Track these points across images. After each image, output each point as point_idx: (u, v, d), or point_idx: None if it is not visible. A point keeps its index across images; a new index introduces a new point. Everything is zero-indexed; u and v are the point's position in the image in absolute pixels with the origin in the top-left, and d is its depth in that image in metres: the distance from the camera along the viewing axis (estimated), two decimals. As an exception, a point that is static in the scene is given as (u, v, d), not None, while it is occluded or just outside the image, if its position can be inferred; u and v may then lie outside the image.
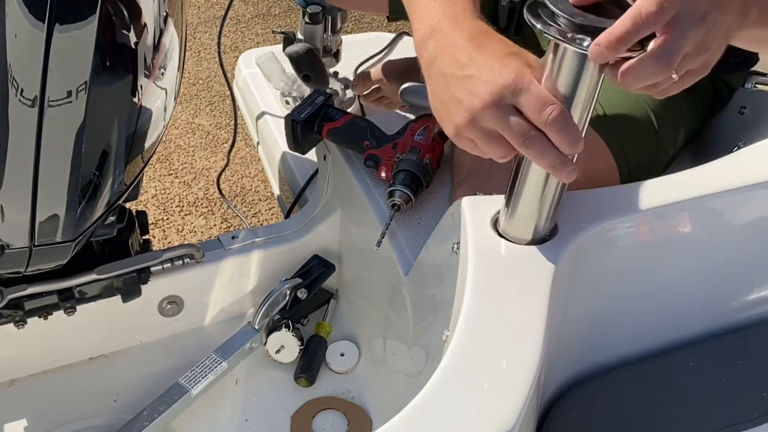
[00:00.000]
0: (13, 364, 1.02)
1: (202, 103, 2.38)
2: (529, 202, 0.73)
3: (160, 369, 1.05)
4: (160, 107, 0.85)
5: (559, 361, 0.80)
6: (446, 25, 0.68)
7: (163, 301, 1.05)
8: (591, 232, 0.76)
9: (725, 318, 0.94)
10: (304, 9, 1.27)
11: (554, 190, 0.72)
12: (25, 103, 0.66)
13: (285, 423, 1.01)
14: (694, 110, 1.10)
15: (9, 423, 0.98)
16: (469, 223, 0.79)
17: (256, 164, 2.12)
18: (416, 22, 0.71)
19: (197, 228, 1.93)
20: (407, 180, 0.96)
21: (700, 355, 0.89)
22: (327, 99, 1.06)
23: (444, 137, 1.07)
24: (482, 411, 0.62)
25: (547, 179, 0.70)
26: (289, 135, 1.06)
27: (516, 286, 0.73)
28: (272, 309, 1.03)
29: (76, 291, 0.95)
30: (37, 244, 0.78)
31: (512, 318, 0.70)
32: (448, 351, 0.67)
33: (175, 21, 0.85)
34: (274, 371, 1.06)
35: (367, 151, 1.02)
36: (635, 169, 1.01)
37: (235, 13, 2.79)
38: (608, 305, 0.86)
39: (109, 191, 0.80)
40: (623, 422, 0.83)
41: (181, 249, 1.03)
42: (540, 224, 0.74)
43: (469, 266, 0.75)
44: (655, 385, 0.86)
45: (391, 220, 0.95)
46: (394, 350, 1.01)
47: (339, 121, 1.05)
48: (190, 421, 0.98)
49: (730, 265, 0.91)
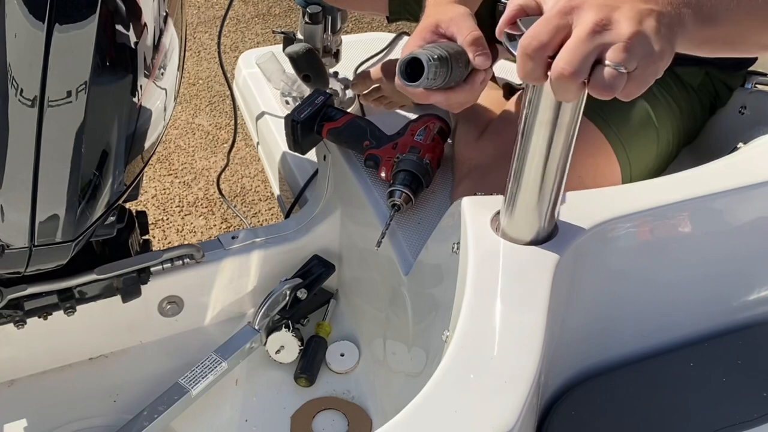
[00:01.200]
0: (13, 364, 1.02)
1: (202, 103, 2.38)
2: (529, 202, 0.73)
3: (160, 369, 1.05)
4: (160, 107, 0.85)
5: (559, 361, 0.80)
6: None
7: (163, 301, 1.05)
8: (591, 232, 0.76)
9: (725, 318, 0.94)
10: (304, 9, 1.27)
11: (553, 190, 0.72)
12: (25, 103, 0.66)
13: (285, 423, 1.01)
14: (693, 110, 1.10)
15: (9, 423, 0.98)
16: (469, 223, 0.79)
17: (256, 164, 2.12)
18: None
19: (197, 228, 1.93)
20: (407, 180, 0.96)
21: (700, 355, 0.89)
22: (327, 99, 1.06)
23: (444, 137, 1.07)
24: (482, 411, 0.62)
25: (543, 179, 0.70)
26: (289, 135, 1.06)
27: (516, 286, 0.73)
28: (272, 309, 1.03)
29: (76, 291, 0.95)
30: (37, 244, 0.78)
31: (512, 318, 0.70)
32: (448, 351, 0.67)
33: (175, 21, 0.85)
34: (274, 371, 1.06)
35: (367, 151, 1.02)
36: (636, 167, 1.01)
37: (235, 13, 2.79)
38: (608, 305, 0.86)
39: (109, 191, 0.80)
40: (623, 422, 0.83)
41: (181, 249, 1.03)
42: (540, 224, 0.74)
43: (469, 266, 0.75)
44: (655, 385, 0.86)
45: (391, 220, 0.95)
46: (394, 350, 1.01)
47: (339, 121, 1.05)
48: (190, 421, 0.98)
49: (730, 265, 0.91)
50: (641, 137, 1.03)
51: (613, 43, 0.54)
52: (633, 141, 1.01)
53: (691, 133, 1.12)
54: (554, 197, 0.72)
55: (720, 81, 1.11)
